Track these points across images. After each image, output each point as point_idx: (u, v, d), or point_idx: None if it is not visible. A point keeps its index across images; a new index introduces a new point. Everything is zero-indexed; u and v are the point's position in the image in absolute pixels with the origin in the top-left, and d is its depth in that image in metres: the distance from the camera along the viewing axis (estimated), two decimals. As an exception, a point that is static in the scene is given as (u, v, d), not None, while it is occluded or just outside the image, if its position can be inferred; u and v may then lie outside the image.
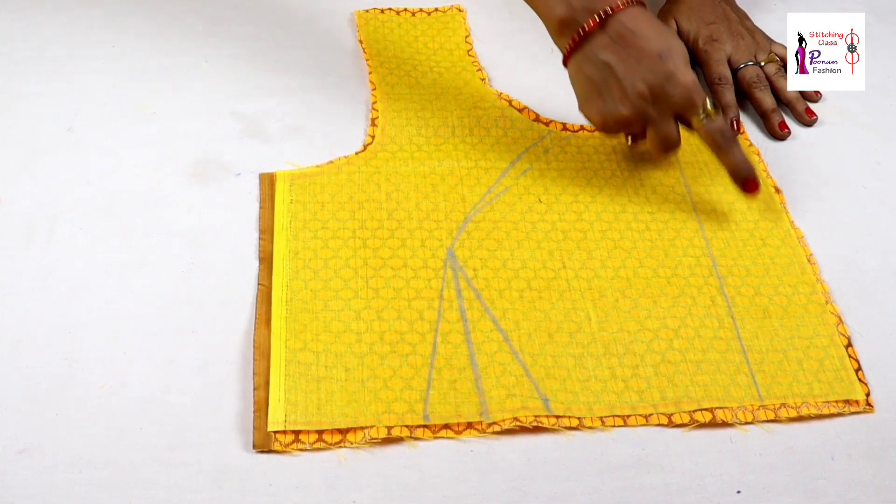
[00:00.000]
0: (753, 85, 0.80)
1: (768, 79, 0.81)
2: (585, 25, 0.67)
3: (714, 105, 0.68)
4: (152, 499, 0.54)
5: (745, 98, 0.82)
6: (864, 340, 0.64)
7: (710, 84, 0.81)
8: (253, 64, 0.84)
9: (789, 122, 0.80)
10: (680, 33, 0.85)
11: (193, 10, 0.90)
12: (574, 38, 0.68)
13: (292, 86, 0.82)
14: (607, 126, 0.70)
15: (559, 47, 0.71)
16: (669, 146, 0.70)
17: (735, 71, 0.81)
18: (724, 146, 0.69)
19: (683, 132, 0.71)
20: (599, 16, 0.66)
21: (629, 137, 0.74)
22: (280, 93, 0.81)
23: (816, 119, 0.80)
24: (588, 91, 0.69)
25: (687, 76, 0.67)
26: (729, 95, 0.80)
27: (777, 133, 0.79)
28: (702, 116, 0.68)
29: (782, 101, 0.81)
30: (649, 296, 0.66)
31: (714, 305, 0.65)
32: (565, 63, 0.71)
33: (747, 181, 0.69)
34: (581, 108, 0.71)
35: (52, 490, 0.54)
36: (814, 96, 0.82)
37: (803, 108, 0.80)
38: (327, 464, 0.56)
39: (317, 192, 0.71)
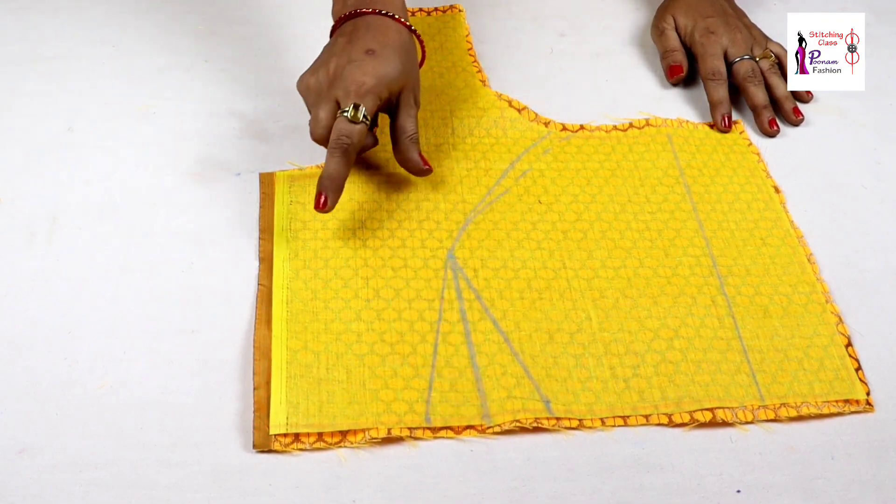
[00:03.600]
0: (748, 79, 0.80)
1: (762, 74, 0.81)
2: (348, 12, 0.71)
3: (359, 118, 0.64)
4: (152, 499, 0.54)
5: (739, 93, 0.82)
6: (864, 340, 0.64)
7: (703, 78, 0.81)
8: (253, 64, 0.84)
9: (779, 121, 0.80)
10: (677, 28, 0.85)
11: (193, 10, 0.90)
12: (337, 20, 0.72)
13: (292, 86, 0.81)
14: (299, 93, 0.70)
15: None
16: (312, 128, 0.67)
17: (731, 65, 0.81)
18: (331, 147, 0.65)
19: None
20: (356, 11, 0.70)
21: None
22: (280, 93, 0.81)
23: (803, 119, 0.80)
24: (316, 59, 0.70)
25: (364, 76, 0.65)
26: (721, 91, 0.80)
27: (766, 130, 0.79)
28: (344, 110, 0.65)
29: (772, 97, 0.81)
30: (649, 295, 0.66)
31: (714, 305, 0.65)
32: None
33: (319, 195, 0.65)
34: None
35: (52, 490, 0.54)
36: (805, 96, 0.82)
37: (791, 108, 0.80)
38: (327, 464, 0.56)
39: (317, 192, 0.71)
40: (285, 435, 0.57)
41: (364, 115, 0.65)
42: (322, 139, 0.67)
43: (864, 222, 0.73)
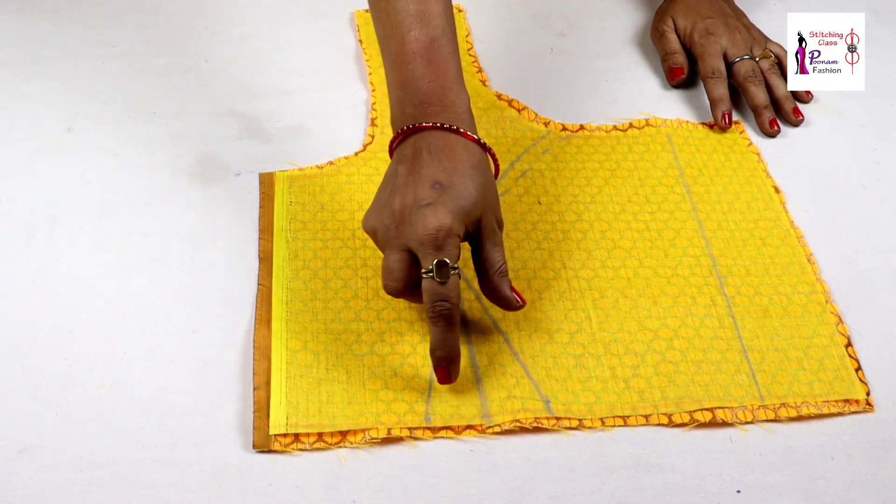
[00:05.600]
0: (748, 79, 0.80)
1: (762, 74, 0.81)
2: (409, 126, 0.60)
3: (448, 275, 0.56)
4: (152, 499, 0.54)
5: (738, 93, 0.82)
6: (864, 340, 0.64)
7: (703, 77, 0.81)
8: (253, 64, 0.84)
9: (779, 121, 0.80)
10: (676, 30, 0.85)
11: (193, 10, 0.90)
12: (397, 134, 0.61)
13: (292, 86, 0.82)
14: (365, 229, 0.61)
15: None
16: (388, 282, 0.58)
17: (730, 65, 0.81)
18: (431, 317, 0.56)
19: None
20: (415, 126, 0.60)
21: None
22: (280, 93, 0.81)
23: (803, 119, 0.80)
24: (377, 192, 0.61)
25: (438, 219, 0.55)
26: (722, 89, 0.80)
27: (767, 130, 0.79)
28: (428, 271, 0.56)
29: (772, 97, 0.81)
30: (649, 295, 0.66)
31: (714, 305, 0.65)
32: (391, 154, 0.63)
33: (437, 369, 0.58)
34: None
35: (52, 490, 0.54)
36: (805, 97, 0.82)
37: (791, 108, 0.80)
38: (327, 464, 0.56)
39: (316, 193, 0.71)
40: (285, 435, 0.57)
41: (452, 268, 0.56)
42: (396, 292, 0.58)
43: (864, 222, 0.73)
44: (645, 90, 0.84)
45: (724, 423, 0.59)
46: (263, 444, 0.57)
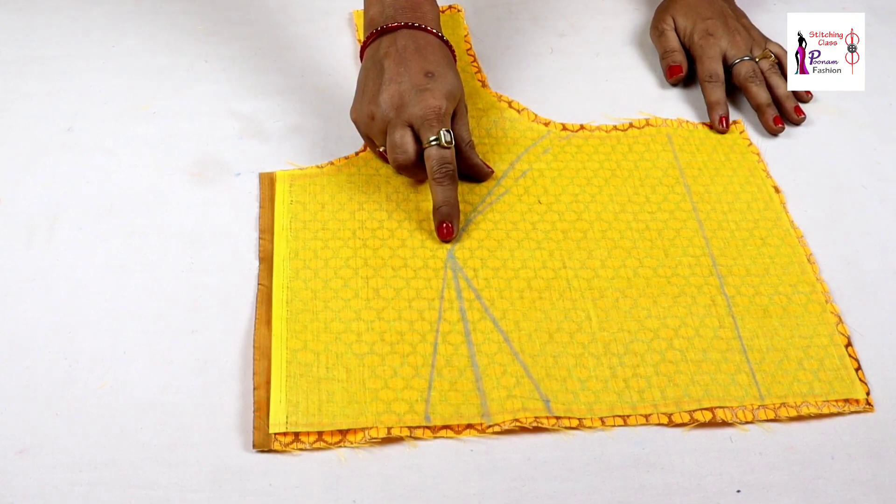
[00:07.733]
0: (749, 79, 0.80)
1: (762, 74, 0.81)
2: (384, 26, 0.71)
3: (450, 141, 0.67)
4: (152, 499, 0.54)
5: (740, 93, 0.82)
6: (864, 340, 0.64)
7: (700, 80, 0.81)
8: (253, 64, 0.84)
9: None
10: (677, 29, 0.85)
11: (193, 10, 0.90)
12: (372, 34, 0.72)
13: (292, 86, 0.82)
14: (357, 124, 0.71)
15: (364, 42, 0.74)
16: (398, 155, 0.68)
17: (731, 66, 0.81)
18: (437, 177, 0.67)
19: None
20: (398, 24, 0.71)
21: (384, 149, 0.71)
22: (280, 93, 0.81)
23: (805, 118, 0.80)
24: (359, 88, 0.71)
25: (437, 100, 0.67)
26: (718, 93, 0.80)
27: (771, 128, 0.79)
28: (432, 139, 0.67)
29: (773, 97, 0.81)
30: (649, 295, 0.66)
31: (714, 305, 0.65)
32: (361, 56, 0.74)
33: (442, 224, 0.67)
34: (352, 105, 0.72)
35: (52, 490, 0.54)
36: (805, 96, 0.82)
37: (792, 107, 0.80)
38: (327, 464, 0.56)
39: (317, 193, 0.71)
40: (285, 434, 0.57)
41: (452, 138, 0.67)
42: (406, 164, 0.68)
43: (864, 222, 0.73)
44: (645, 90, 0.84)
45: (724, 423, 0.59)
46: (263, 443, 0.57)
